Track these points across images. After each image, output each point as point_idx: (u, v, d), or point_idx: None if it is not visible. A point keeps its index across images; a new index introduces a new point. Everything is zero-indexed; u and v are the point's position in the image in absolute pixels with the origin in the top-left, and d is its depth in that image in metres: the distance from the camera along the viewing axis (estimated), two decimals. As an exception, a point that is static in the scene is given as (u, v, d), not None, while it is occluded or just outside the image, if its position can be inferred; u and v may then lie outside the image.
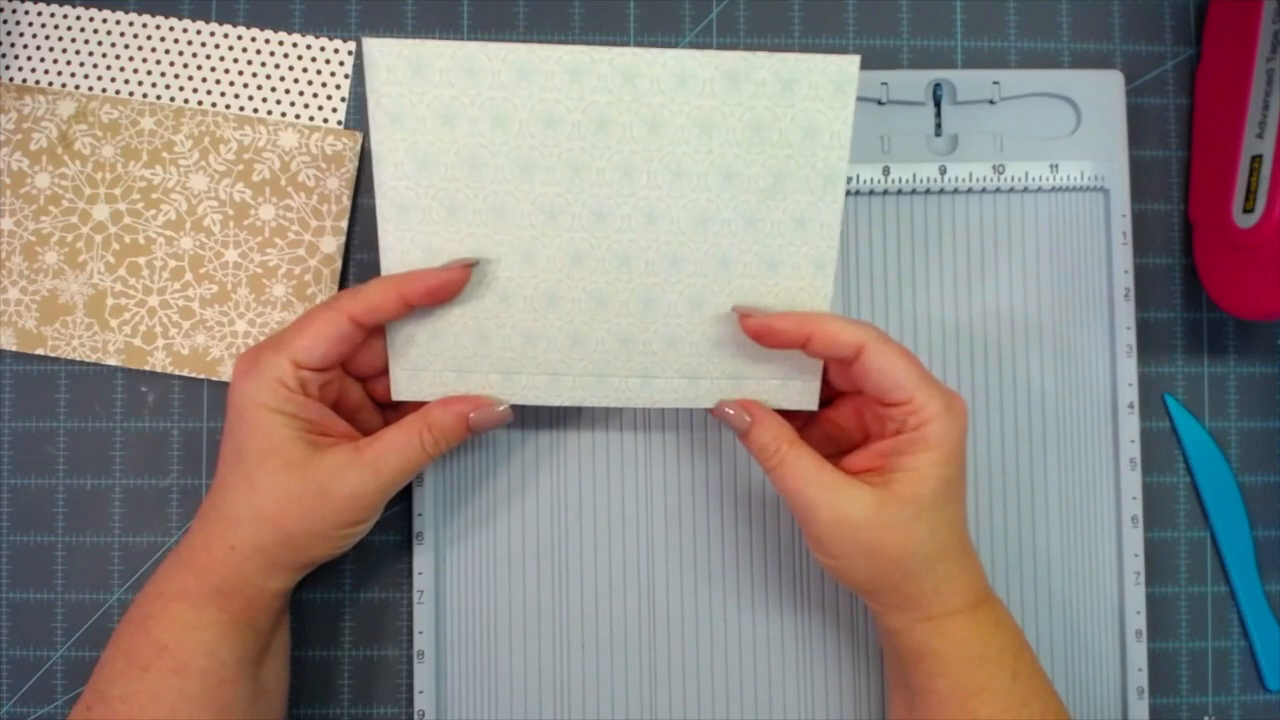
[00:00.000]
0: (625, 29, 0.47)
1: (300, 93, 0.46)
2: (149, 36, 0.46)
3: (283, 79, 0.46)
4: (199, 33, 0.46)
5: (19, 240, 0.45)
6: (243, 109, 0.46)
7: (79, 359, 0.45)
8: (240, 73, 0.46)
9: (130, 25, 0.46)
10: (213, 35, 0.46)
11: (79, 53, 0.46)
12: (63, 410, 0.45)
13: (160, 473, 0.45)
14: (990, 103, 0.46)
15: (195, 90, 0.46)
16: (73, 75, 0.45)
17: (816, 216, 0.38)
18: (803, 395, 0.40)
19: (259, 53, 0.46)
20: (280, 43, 0.46)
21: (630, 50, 0.36)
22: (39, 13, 0.46)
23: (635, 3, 0.47)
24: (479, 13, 0.46)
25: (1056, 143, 0.46)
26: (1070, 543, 0.45)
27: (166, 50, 0.46)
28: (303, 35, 0.46)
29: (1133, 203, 0.46)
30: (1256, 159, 0.43)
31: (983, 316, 0.45)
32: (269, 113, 0.46)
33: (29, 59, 0.45)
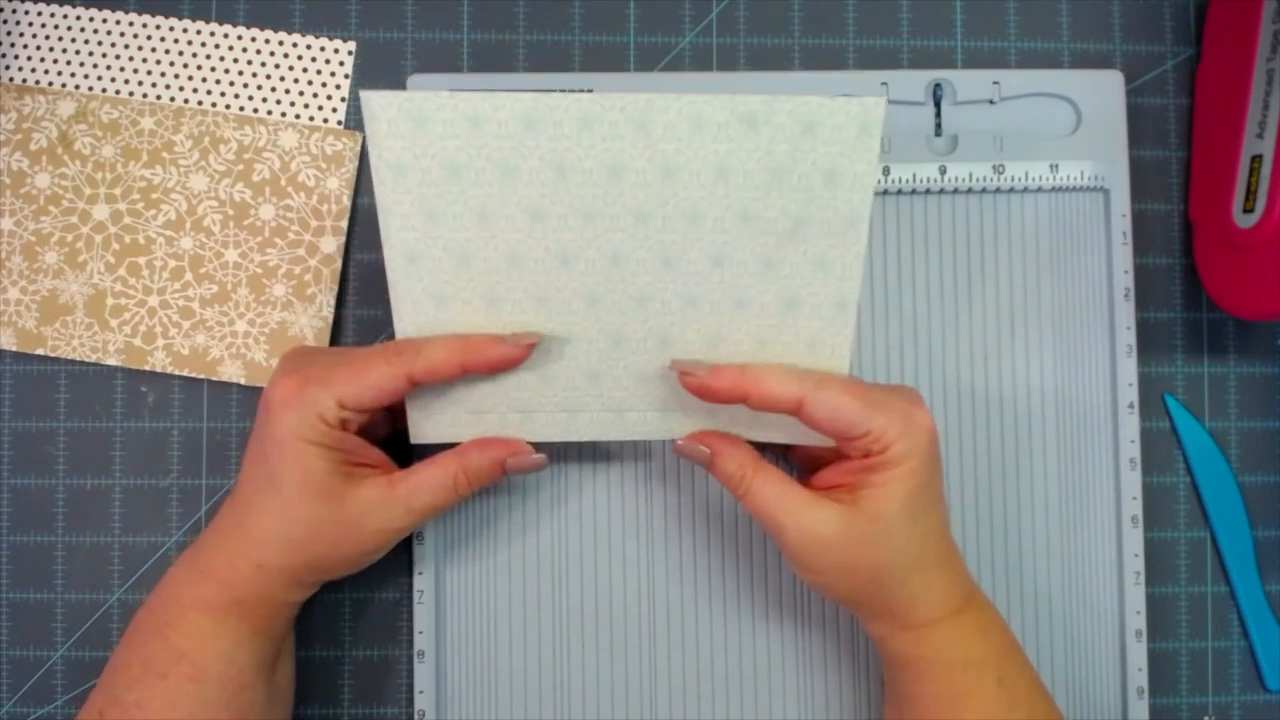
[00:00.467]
0: (625, 29, 0.47)
1: (300, 93, 0.46)
2: (149, 36, 0.46)
3: (283, 79, 0.46)
4: (199, 33, 0.46)
5: (19, 240, 0.45)
6: (243, 109, 0.46)
7: (79, 359, 0.45)
8: (240, 73, 0.46)
9: (130, 25, 0.46)
10: (213, 35, 0.46)
11: (79, 53, 0.46)
12: (63, 410, 0.45)
13: (160, 473, 0.45)
14: (990, 103, 0.46)
15: (195, 90, 0.46)
16: (73, 75, 0.45)
17: (838, 259, 0.37)
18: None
19: (259, 53, 0.46)
20: (280, 43, 0.46)
21: (643, 96, 0.35)
22: (39, 13, 0.46)
23: (635, 3, 0.47)
24: (479, 13, 0.46)
25: (1056, 143, 0.46)
26: (1070, 543, 0.45)
27: (166, 50, 0.46)
28: (303, 35, 0.46)
29: (1133, 203, 0.46)
30: (1256, 159, 0.43)
31: (982, 316, 0.45)
32: (269, 113, 0.46)
33: (29, 59, 0.45)
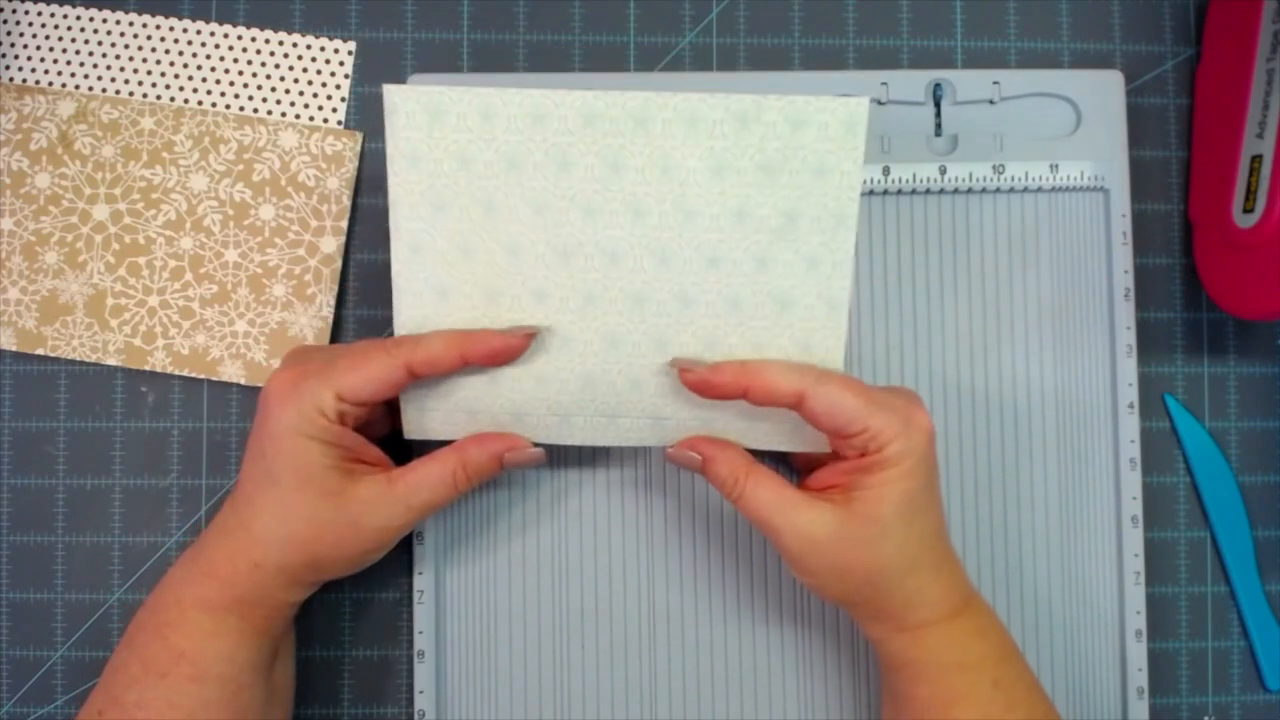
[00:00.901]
0: (625, 29, 0.47)
1: (300, 93, 0.46)
2: (149, 36, 0.46)
3: (283, 79, 0.46)
4: (199, 33, 0.46)
5: (19, 240, 0.45)
6: (243, 109, 0.46)
7: (79, 359, 0.45)
8: (240, 73, 0.46)
9: (130, 25, 0.46)
10: (213, 35, 0.46)
11: (79, 53, 0.46)
12: (63, 410, 0.45)
13: (160, 473, 0.45)
14: (990, 103, 0.46)
15: (195, 90, 0.46)
16: (73, 75, 0.45)
17: (828, 257, 0.38)
18: (817, 437, 0.40)
19: (259, 53, 0.46)
20: (280, 43, 0.46)
21: (641, 95, 0.36)
22: (39, 13, 0.46)
23: (635, 3, 0.47)
24: (479, 13, 0.46)
25: (1056, 143, 0.46)
26: (1070, 543, 0.45)
27: (166, 50, 0.46)
28: (303, 35, 0.46)
29: (1133, 203, 0.46)
30: (1256, 159, 0.43)
31: (982, 316, 0.45)
32: (269, 113, 0.46)
33: (29, 59, 0.45)
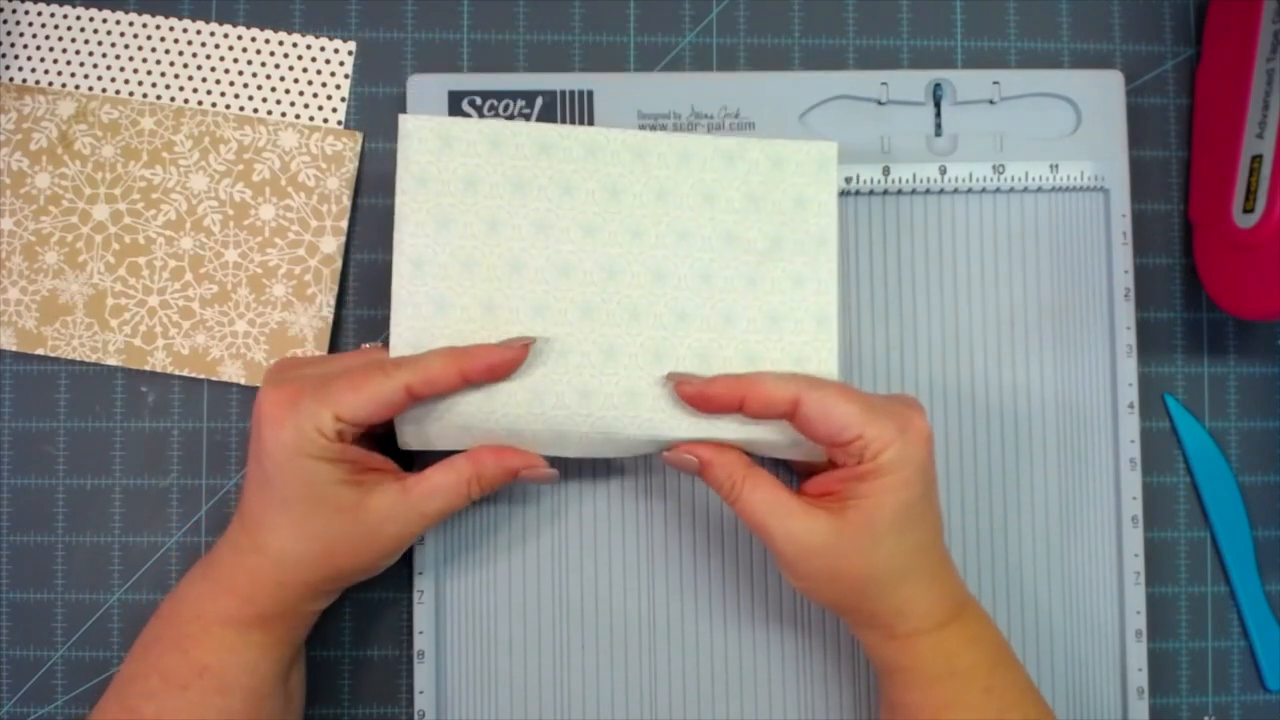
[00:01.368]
0: (625, 29, 0.47)
1: (300, 93, 0.46)
2: (149, 36, 0.46)
3: (283, 79, 0.46)
4: (199, 33, 0.46)
5: (19, 240, 0.45)
6: (243, 109, 0.46)
7: (79, 359, 0.45)
8: (240, 73, 0.46)
9: (130, 25, 0.46)
10: (213, 35, 0.46)
11: (79, 53, 0.46)
12: (63, 410, 0.45)
13: (160, 473, 0.45)
14: (990, 103, 0.46)
15: (195, 90, 0.46)
16: (73, 75, 0.45)
17: (813, 275, 0.40)
18: (814, 446, 0.39)
19: (259, 53, 0.46)
20: (280, 43, 0.46)
21: (639, 133, 0.40)
22: (39, 13, 0.46)
23: (635, 3, 0.47)
24: (479, 13, 0.46)
25: (1056, 143, 0.46)
26: (1070, 543, 0.45)
27: (166, 50, 0.46)
28: (303, 35, 0.46)
29: (1133, 203, 0.46)
30: (1256, 159, 0.43)
31: (982, 316, 0.45)
32: (269, 113, 0.46)
33: (29, 59, 0.45)
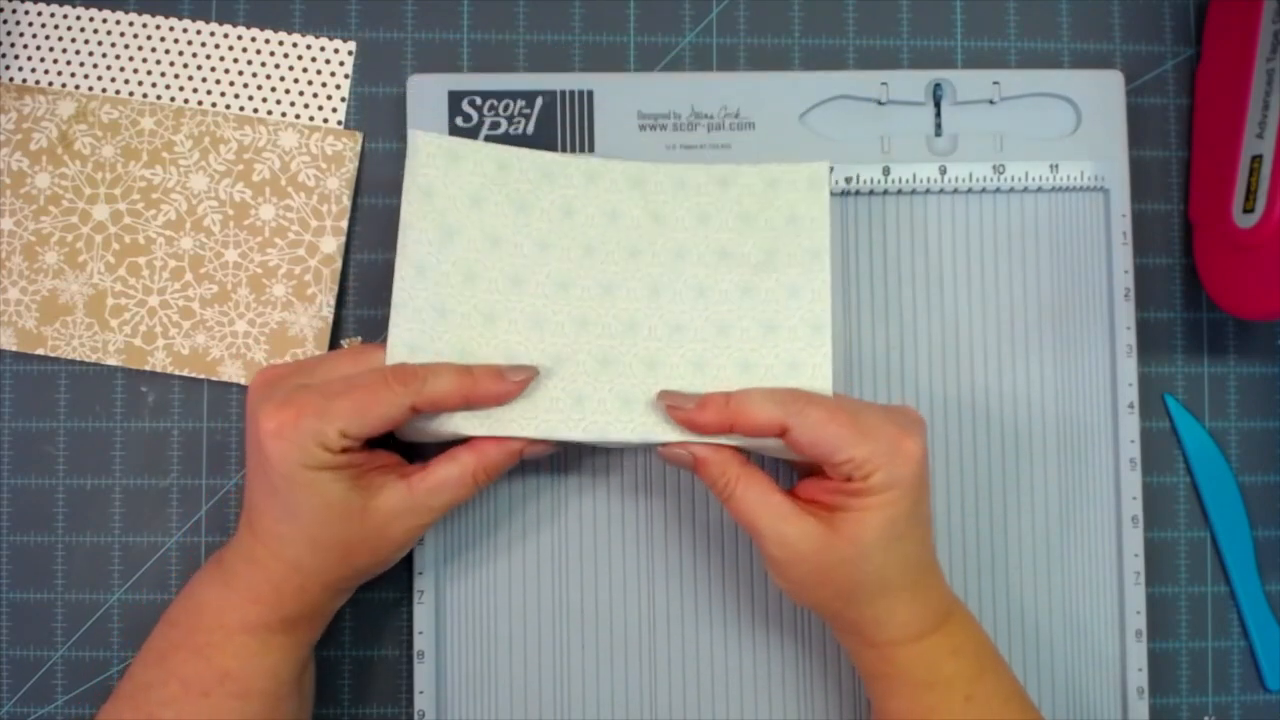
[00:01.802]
0: (625, 29, 0.47)
1: (300, 93, 0.46)
2: (149, 36, 0.46)
3: (283, 79, 0.46)
4: (199, 33, 0.46)
5: (19, 240, 0.45)
6: (243, 109, 0.46)
7: (79, 359, 0.45)
8: (240, 73, 0.46)
9: (130, 25, 0.46)
10: (213, 35, 0.46)
11: (79, 53, 0.46)
12: (63, 410, 0.45)
13: (160, 473, 0.45)
14: (990, 103, 0.46)
15: (195, 90, 0.46)
16: (73, 75, 0.45)
17: (807, 285, 0.41)
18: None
19: (259, 53, 0.46)
20: (280, 43, 0.46)
21: (636, 163, 0.42)
22: (39, 13, 0.46)
23: (635, 3, 0.47)
24: (479, 13, 0.46)
25: (1056, 143, 0.46)
26: (1070, 543, 0.45)
27: (166, 50, 0.46)
28: (303, 35, 0.46)
29: (1133, 203, 0.46)
30: (1256, 159, 0.43)
31: (982, 316, 0.45)
32: (269, 113, 0.46)
33: (29, 59, 0.45)
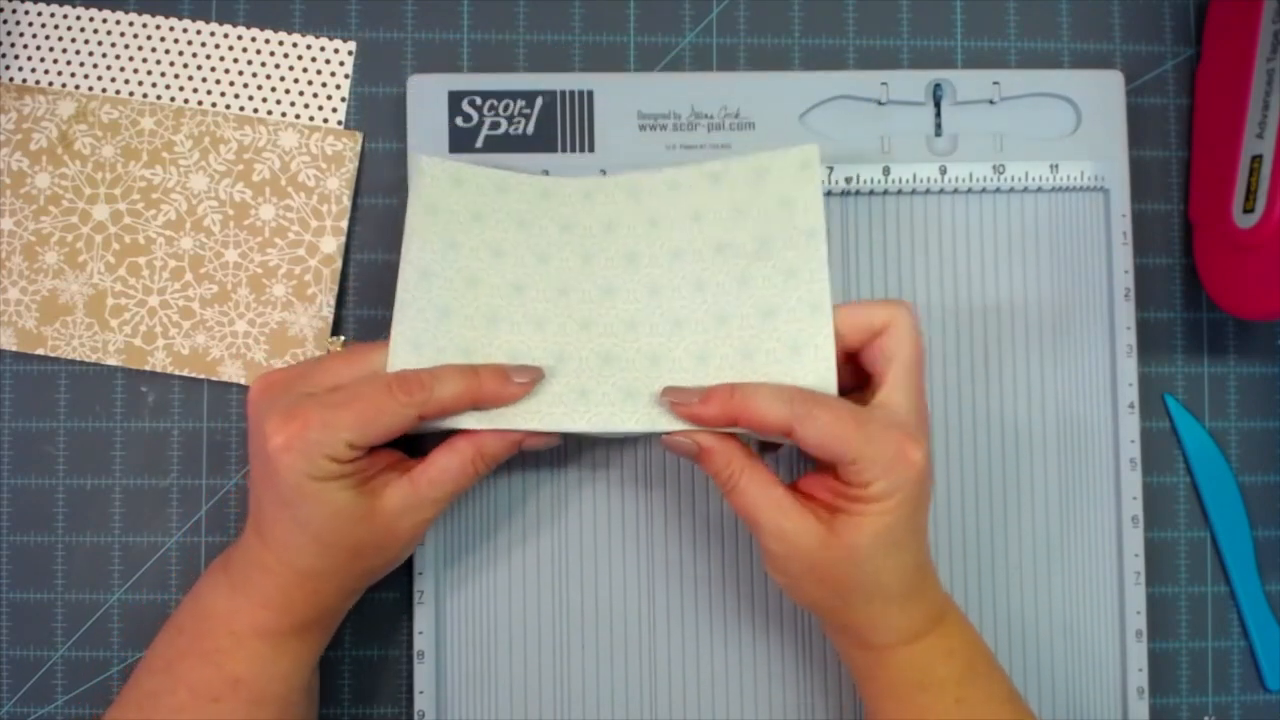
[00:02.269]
0: (625, 29, 0.47)
1: (300, 93, 0.46)
2: (149, 36, 0.46)
3: (283, 79, 0.46)
4: (199, 33, 0.46)
5: (19, 240, 0.45)
6: (243, 109, 0.46)
7: (79, 359, 0.45)
8: (240, 73, 0.46)
9: (130, 25, 0.46)
10: (213, 35, 0.46)
11: (79, 53, 0.46)
12: (63, 410, 0.45)
13: (160, 473, 0.45)
14: (990, 103, 0.46)
15: (195, 90, 0.46)
16: (73, 75, 0.45)
17: (804, 266, 0.40)
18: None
19: (259, 53, 0.46)
20: (280, 43, 0.46)
21: (630, 175, 0.42)
22: (39, 13, 0.46)
23: (635, 3, 0.47)
24: (479, 12, 0.46)
25: (1056, 143, 0.46)
26: (1070, 543, 0.45)
27: (166, 50, 0.46)
28: (303, 35, 0.46)
29: (1133, 203, 0.46)
30: (1256, 159, 0.43)
31: (983, 317, 0.45)
32: (269, 113, 0.46)
33: (29, 59, 0.45)
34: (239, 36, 0.46)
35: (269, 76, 0.46)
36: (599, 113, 0.45)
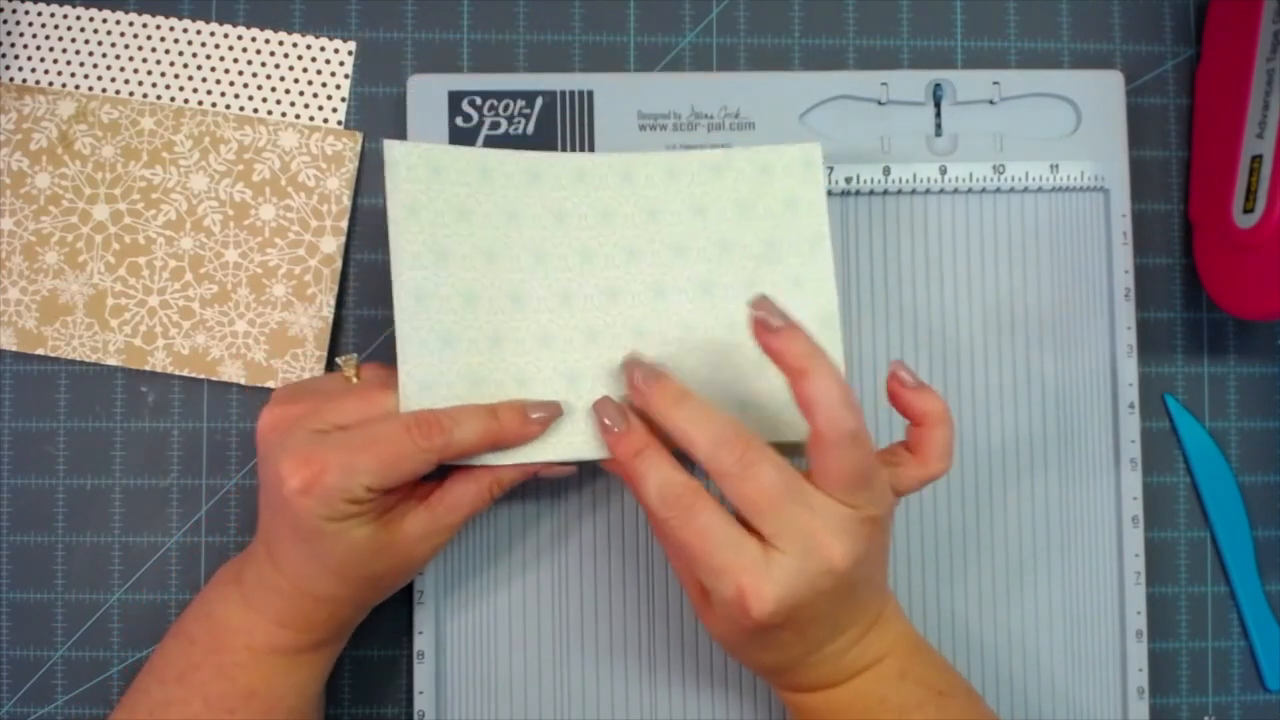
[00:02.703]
0: (625, 29, 0.47)
1: (300, 93, 0.46)
2: (149, 36, 0.46)
3: (283, 79, 0.46)
4: (199, 33, 0.46)
5: (19, 240, 0.45)
6: (243, 109, 0.46)
7: (79, 359, 0.45)
8: (240, 73, 0.46)
9: (130, 25, 0.46)
10: (213, 35, 0.46)
11: (79, 53, 0.46)
12: (63, 410, 0.45)
13: (160, 473, 0.45)
14: (990, 103, 0.46)
15: (195, 90, 0.46)
16: (73, 75, 0.45)
17: (811, 275, 0.40)
18: (796, 427, 0.39)
19: (259, 53, 0.46)
20: (280, 43, 0.46)
21: (624, 156, 0.41)
22: (39, 13, 0.46)
23: (635, 3, 0.47)
24: (479, 13, 0.46)
25: (1056, 143, 0.46)
26: (1070, 543, 0.45)
27: (166, 50, 0.46)
28: (303, 35, 0.46)
29: (1133, 203, 0.46)
30: (1256, 159, 0.43)
31: (983, 317, 0.45)
32: (269, 113, 0.46)
33: (29, 59, 0.45)
34: (239, 36, 0.46)
35: (269, 76, 0.46)
36: (599, 113, 0.45)
